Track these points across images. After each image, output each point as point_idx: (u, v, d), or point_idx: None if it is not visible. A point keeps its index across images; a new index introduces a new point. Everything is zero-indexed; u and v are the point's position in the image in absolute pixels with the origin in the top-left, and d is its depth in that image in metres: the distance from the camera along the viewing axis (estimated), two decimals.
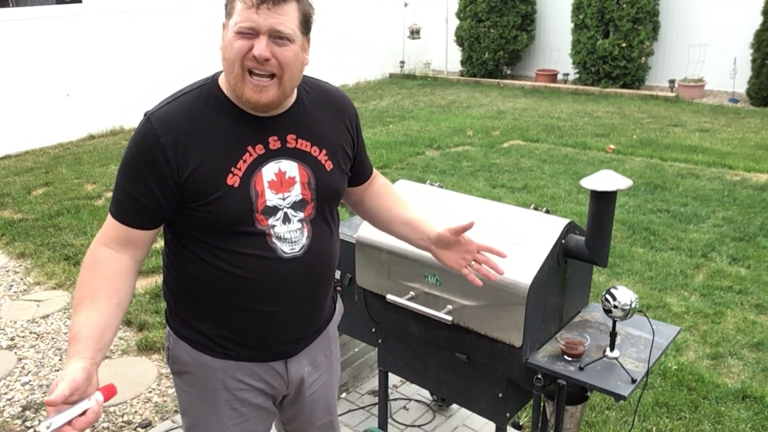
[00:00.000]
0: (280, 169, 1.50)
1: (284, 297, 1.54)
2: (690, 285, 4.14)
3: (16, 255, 4.75)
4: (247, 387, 1.62)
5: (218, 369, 1.59)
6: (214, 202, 1.43)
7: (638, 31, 10.12)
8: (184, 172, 1.42)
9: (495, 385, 2.16)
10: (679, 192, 5.83)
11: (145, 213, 1.45)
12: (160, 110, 1.46)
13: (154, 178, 1.42)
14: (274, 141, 1.50)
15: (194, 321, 1.58)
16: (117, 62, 8.39)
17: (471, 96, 10.61)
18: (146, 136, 1.43)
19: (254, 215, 1.47)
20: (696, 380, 3.15)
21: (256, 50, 1.37)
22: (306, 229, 1.54)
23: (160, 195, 1.43)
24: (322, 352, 1.74)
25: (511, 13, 11.40)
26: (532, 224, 2.10)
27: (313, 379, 1.73)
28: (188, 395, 1.63)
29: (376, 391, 3.06)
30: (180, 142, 1.42)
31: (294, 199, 1.51)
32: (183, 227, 1.50)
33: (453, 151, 7.31)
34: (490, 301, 2.01)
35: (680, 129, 8.21)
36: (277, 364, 1.63)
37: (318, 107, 1.59)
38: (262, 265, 1.49)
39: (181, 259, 1.54)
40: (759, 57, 9.28)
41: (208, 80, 1.52)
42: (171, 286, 1.60)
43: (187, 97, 1.48)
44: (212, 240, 1.48)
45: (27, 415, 3.03)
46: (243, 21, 1.37)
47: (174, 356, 1.62)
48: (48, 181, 6.37)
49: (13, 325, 3.84)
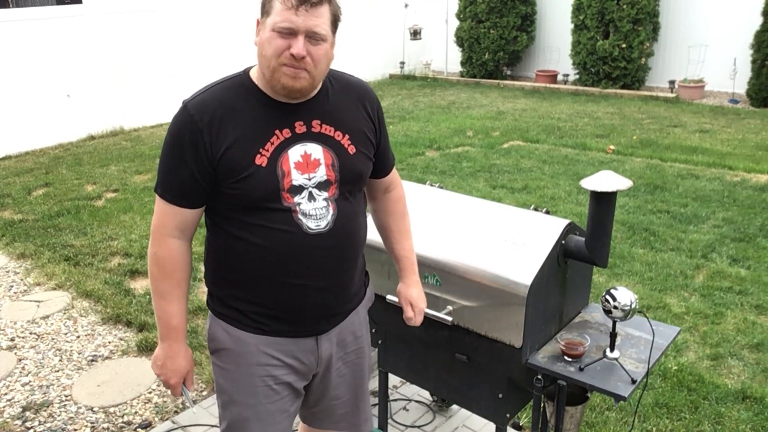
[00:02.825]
0: (306, 152, 1.61)
1: (310, 271, 1.64)
2: (690, 286, 4.14)
3: (17, 256, 4.75)
4: (280, 363, 1.71)
5: (252, 344, 1.69)
6: (244, 180, 1.55)
7: (638, 31, 10.12)
8: (218, 152, 1.55)
9: (495, 386, 2.16)
10: (679, 193, 5.83)
11: (194, 192, 1.60)
12: (196, 98, 1.60)
13: (196, 159, 1.56)
14: (300, 126, 1.62)
15: (230, 299, 1.70)
16: (117, 62, 8.39)
17: (471, 97, 10.61)
18: (185, 122, 1.57)
19: (281, 193, 1.58)
20: (696, 381, 3.15)
21: (294, 49, 1.50)
22: (332, 207, 1.64)
23: (199, 175, 1.57)
24: (352, 333, 1.82)
25: (511, 14, 11.40)
26: (532, 225, 2.10)
27: (340, 356, 1.81)
28: (224, 372, 1.74)
29: (376, 392, 3.05)
30: (214, 125, 1.56)
31: (319, 179, 1.62)
32: (219, 207, 1.63)
33: (453, 152, 7.31)
34: (490, 302, 2.01)
35: (680, 130, 8.21)
36: (309, 340, 1.73)
37: (342, 97, 1.70)
38: (288, 239, 1.60)
39: (217, 237, 1.68)
40: (759, 58, 9.28)
41: (240, 73, 1.65)
42: (210, 266, 1.73)
43: (220, 87, 1.62)
44: (242, 216, 1.60)
45: (27, 415, 3.03)
46: (282, 21, 1.49)
47: (212, 334, 1.74)
48: (48, 182, 6.37)
49: (13, 325, 3.84)
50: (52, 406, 3.10)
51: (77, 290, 4.19)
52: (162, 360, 1.73)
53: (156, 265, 1.65)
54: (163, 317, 1.69)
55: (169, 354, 1.72)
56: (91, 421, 3.00)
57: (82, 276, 4.36)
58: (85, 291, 4.14)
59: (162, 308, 1.68)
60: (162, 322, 1.70)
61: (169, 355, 1.72)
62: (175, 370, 1.73)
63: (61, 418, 3.02)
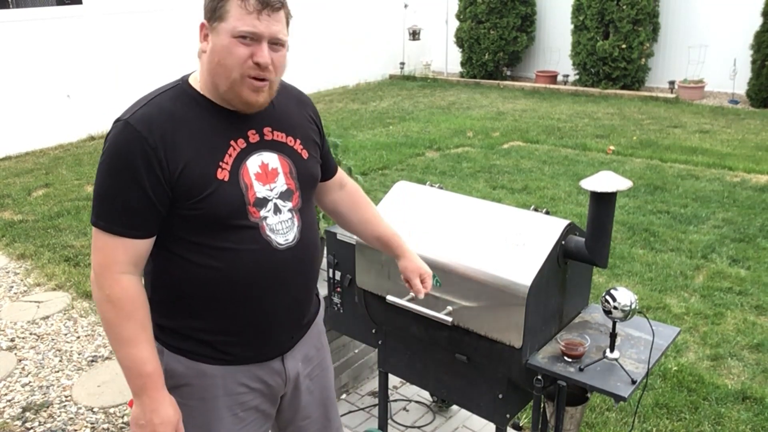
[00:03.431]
0: (263, 161, 1.52)
1: (281, 289, 1.56)
2: (690, 286, 4.14)
3: (17, 256, 4.75)
4: (246, 390, 1.62)
5: (217, 376, 1.57)
6: (207, 198, 1.43)
7: (638, 32, 10.13)
8: (176, 170, 1.41)
9: (495, 386, 2.16)
10: (679, 193, 5.83)
11: (149, 219, 1.43)
12: (137, 113, 1.43)
13: (150, 180, 1.39)
14: (253, 134, 1.53)
15: (188, 331, 1.55)
16: (117, 63, 8.40)
17: (471, 97, 10.61)
18: (131, 141, 1.39)
19: (247, 207, 1.48)
20: (696, 381, 3.15)
21: (260, 58, 1.40)
22: (296, 218, 1.57)
23: (155, 198, 1.41)
24: (314, 345, 1.76)
25: (511, 15, 11.40)
26: (532, 225, 2.10)
27: (307, 373, 1.74)
28: (188, 409, 1.58)
29: (376, 393, 3.06)
30: (167, 141, 1.41)
31: (280, 189, 1.54)
32: (174, 231, 1.47)
33: (453, 153, 7.31)
34: (490, 302, 2.01)
35: (680, 130, 8.21)
36: (275, 362, 1.64)
37: (285, 101, 1.62)
38: (258, 258, 1.50)
39: (171, 269, 1.51)
40: (759, 58, 9.28)
41: (178, 81, 1.52)
42: (159, 298, 1.56)
43: (162, 98, 1.47)
44: (205, 240, 1.47)
45: (27, 416, 3.03)
46: (245, 26, 1.38)
47: (169, 371, 1.56)
48: (48, 183, 6.37)
49: (13, 326, 3.83)
50: (52, 407, 3.10)
51: (77, 291, 4.19)
52: (145, 418, 1.46)
53: (112, 310, 1.43)
54: (133, 367, 1.44)
55: (151, 407, 1.46)
56: (91, 421, 3.00)
57: (82, 276, 4.36)
58: (85, 291, 4.14)
59: (130, 357, 1.44)
60: (133, 373, 1.45)
61: (152, 408, 1.46)
62: (164, 423, 1.47)
63: (61, 418, 3.02)
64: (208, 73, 1.46)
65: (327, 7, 11.18)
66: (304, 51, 10.66)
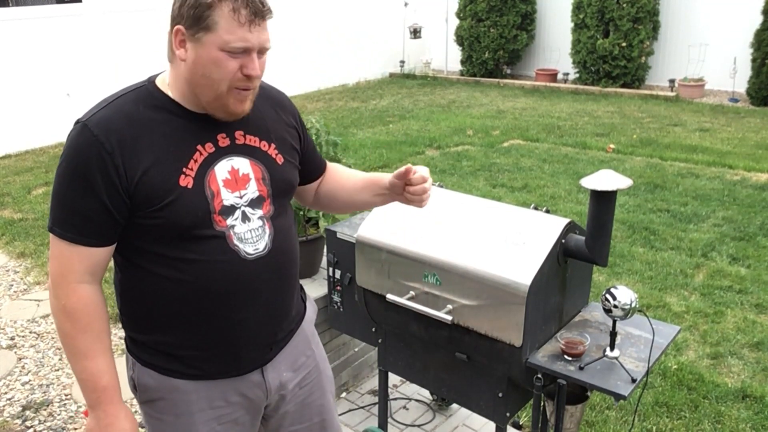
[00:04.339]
0: (233, 167, 1.45)
1: (253, 301, 1.48)
2: (690, 284, 4.14)
3: (16, 254, 4.75)
4: (224, 404, 1.55)
5: (191, 391, 1.51)
6: (168, 206, 1.36)
7: (638, 30, 10.12)
8: (134, 177, 1.34)
9: (495, 385, 2.16)
10: (679, 191, 5.83)
11: (106, 226, 1.37)
12: (96, 115, 1.37)
13: (105, 187, 1.33)
14: (223, 138, 1.46)
15: (158, 345, 1.49)
16: (117, 62, 8.39)
17: (471, 95, 10.61)
18: (87, 145, 1.33)
19: (212, 216, 1.40)
20: (696, 380, 3.15)
21: (252, 70, 1.37)
22: (267, 226, 1.49)
23: (111, 206, 1.35)
24: (303, 353, 1.68)
25: (511, 13, 11.39)
26: (532, 224, 2.10)
27: (296, 381, 1.66)
28: (162, 423, 1.53)
29: (376, 391, 3.06)
30: (125, 146, 1.34)
31: (251, 196, 1.47)
32: (135, 241, 1.42)
33: (453, 151, 7.31)
34: (490, 301, 2.01)
35: (680, 128, 8.21)
36: (254, 374, 1.56)
37: (260, 104, 1.54)
38: (226, 270, 1.43)
39: (136, 281, 1.46)
40: (759, 57, 9.27)
41: (144, 83, 1.46)
42: (129, 311, 1.51)
43: (124, 100, 1.41)
44: (168, 251, 1.40)
45: (27, 414, 3.03)
46: (237, 41, 1.33)
47: (141, 385, 1.52)
48: (48, 181, 6.37)
49: (13, 324, 3.84)
50: (52, 405, 3.10)
51: None
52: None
53: (68, 321, 1.38)
54: (89, 379, 1.41)
55: (106, 421, 1.43)
56: None
57: None
58: None
59: (85, 369, 1.40)
60: (88, 386, 1.41)
61: (107, 423, 1.43)
62: None
63: (61, 417, 3.02)
64: (188, 83, 1.40)
65: (327, 6, 11.17)
66: (304, 50, 10.66)
